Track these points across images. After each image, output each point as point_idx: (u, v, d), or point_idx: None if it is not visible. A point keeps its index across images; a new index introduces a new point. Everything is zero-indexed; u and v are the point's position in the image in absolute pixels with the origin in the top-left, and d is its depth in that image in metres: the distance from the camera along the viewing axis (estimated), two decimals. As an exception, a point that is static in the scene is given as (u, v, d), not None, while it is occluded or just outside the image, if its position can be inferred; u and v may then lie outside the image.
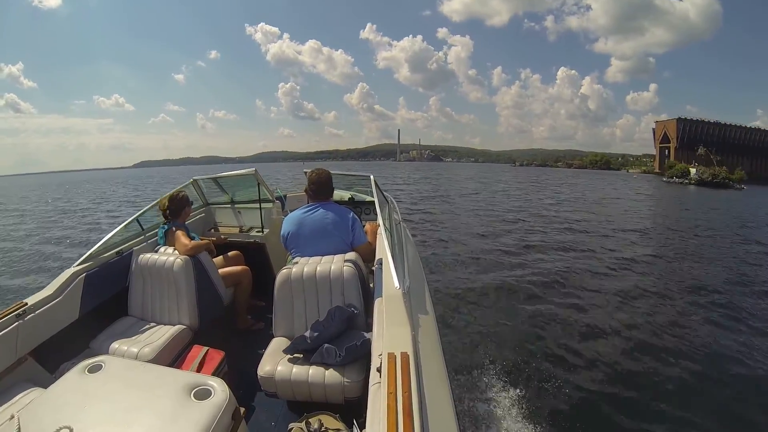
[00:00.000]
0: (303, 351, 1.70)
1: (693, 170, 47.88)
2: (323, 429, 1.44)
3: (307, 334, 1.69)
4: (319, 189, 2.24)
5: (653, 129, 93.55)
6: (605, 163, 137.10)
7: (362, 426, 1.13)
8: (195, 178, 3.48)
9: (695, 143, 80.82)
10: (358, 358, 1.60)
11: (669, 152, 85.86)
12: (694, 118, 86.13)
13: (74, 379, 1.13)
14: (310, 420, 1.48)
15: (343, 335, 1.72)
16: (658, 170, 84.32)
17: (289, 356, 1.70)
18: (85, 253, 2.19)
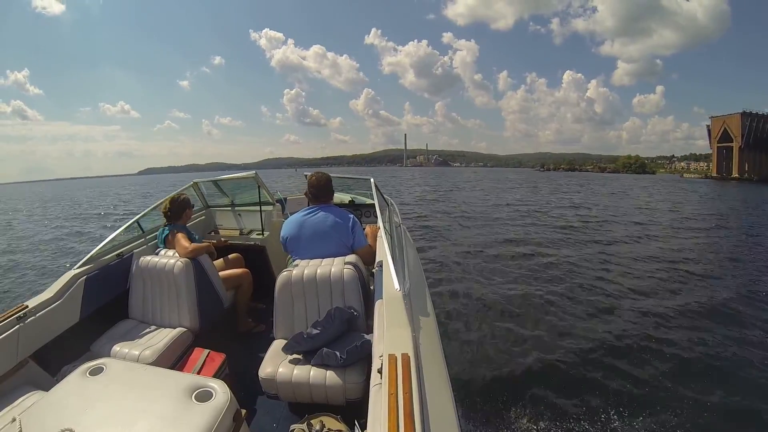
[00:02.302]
0: (302, 351, 1.70)
1: None
2: (325, 430, 1.44)
3: (306, 331, 1.70)
4: (319, 192, 2.25)
5: (707, 126, 77.53)
6: (640, 166, 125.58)
7: (363, 427, 1.13)
8: (196, 180, 3.49)
9: (764, 142, 67.57)
10: (359, 359, 1.60)
11: (727, 153, 71.89)
12: (760, 112, 70.24)
13: (75, 381, 1.13)
14: (311, 421, 1.48)
15: (343, 337, 1.73)
16: (716, 173, 72.09)
17: (290, 358, 1.71)
18: (85, 256, 2.20)
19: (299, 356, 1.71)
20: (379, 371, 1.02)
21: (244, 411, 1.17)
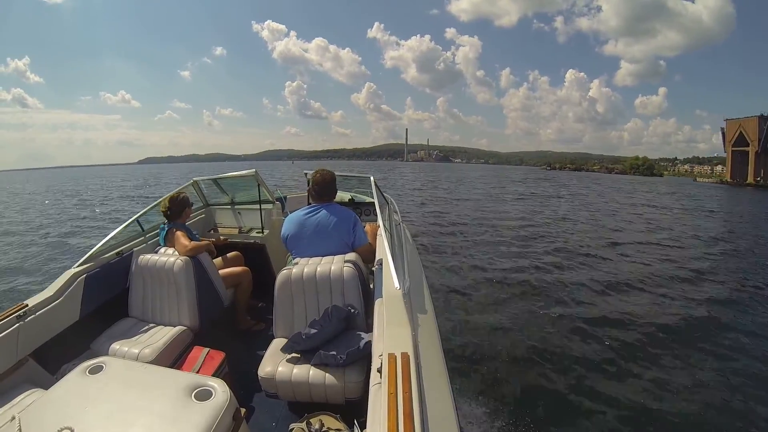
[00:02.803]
0: (301, 350, 1.70)
1: None
2: (324, 429, 1.44)
3: (303, 331, 1.70)
4: (323, 190, 2.23)
5: (722, 129, 72.05)
6: (648, 168, 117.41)
7: (363, 426, 1.13)
8: (195, 179, 3.48)
9: (782, 147, 60.25)
10: (358, 358, 1.60)
11: (742, 157, 66.28)
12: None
13: (75, 380, 1.13)
14: (311, 420, 1.48)
15: (342, 336, 1.73)
16: (730, 179, 67.30)
17: (289, 357, 1.71)
18: (85, 254, 2.20)
19: (299, 355, 1.71)
20: (379, 370, 1.02)
21: (243, 410, 1.17)
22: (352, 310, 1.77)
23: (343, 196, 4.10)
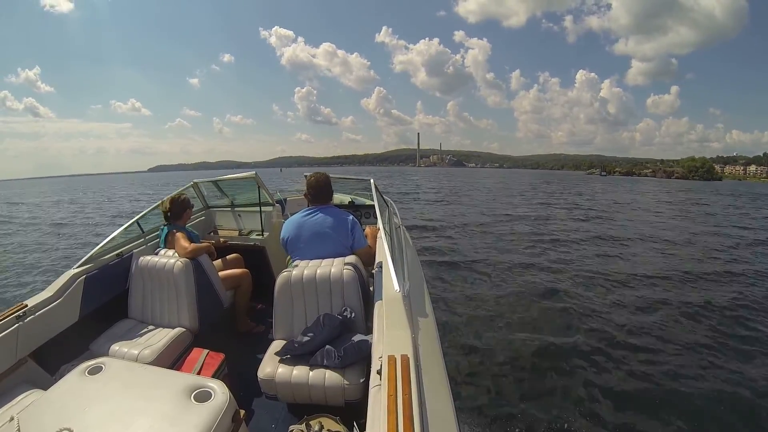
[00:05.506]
0: (295, 355, 1.71)
1: None
2: (324, 431, 1.44)
3: (296, 339, 1.71)
4: (318, 193, 2.25)
5: None
6: (707, 171, 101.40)
7: (363, 428, 1.13)
8: (195, 181, 3.49)
9: None
10: (358, 359, 1.60)
11: None
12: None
13: (74, 380, 1.13)
14: (310, 422, 1.48)
15: (340, 338, 1.73)
16: None
17: (289, 358, 1.71)
18: (85, 255, 2.20)
19: (298, 356, 1.71)
20: (379, 372, 1.02)
21: (242, 411, 1.17)
22: (347, 315, 1.77)
23: (343, 198, 4.12)
